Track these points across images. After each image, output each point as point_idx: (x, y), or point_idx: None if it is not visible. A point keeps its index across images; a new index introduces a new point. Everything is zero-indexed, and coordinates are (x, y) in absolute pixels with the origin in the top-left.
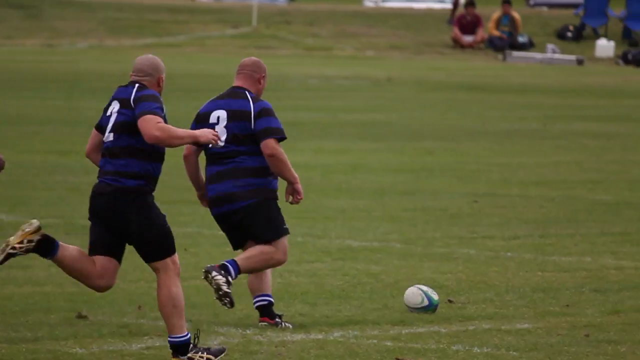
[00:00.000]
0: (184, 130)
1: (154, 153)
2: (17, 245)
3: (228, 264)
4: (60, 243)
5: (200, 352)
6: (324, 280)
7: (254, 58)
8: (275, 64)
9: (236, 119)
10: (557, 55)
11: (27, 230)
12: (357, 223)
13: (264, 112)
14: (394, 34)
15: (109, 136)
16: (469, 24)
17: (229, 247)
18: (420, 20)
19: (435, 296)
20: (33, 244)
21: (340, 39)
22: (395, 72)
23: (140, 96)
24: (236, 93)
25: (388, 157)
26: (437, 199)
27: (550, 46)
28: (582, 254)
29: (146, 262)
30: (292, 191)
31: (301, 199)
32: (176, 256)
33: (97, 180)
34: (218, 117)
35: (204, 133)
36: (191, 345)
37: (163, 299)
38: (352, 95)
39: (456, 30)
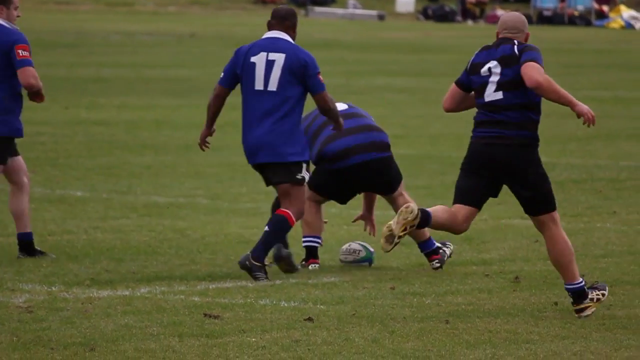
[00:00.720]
0: (565, 91)
1: (537, 107)
2: (401, 234)
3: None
4: (430, 211)
5: (593, 291)
6: (129, 237)
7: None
8: (77, 19)
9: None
10: (359, 11)
11: (409, 218)
12: (163, 179)
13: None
14: None
15: (494, 94)
16: None
17: None
18: None
19: (370, 247)
20: (414, 228)
21: None
22: (198, 27)
23: (524, 47)
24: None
25: (193, 112)
26: (243, 154)
27: (351, 2)
28: (387, 207)
29: (532, 214)
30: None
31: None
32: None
33: (476, 134)
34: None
35: (583, 109)
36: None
37: (559, 249)
38: (156, 51)
39: None
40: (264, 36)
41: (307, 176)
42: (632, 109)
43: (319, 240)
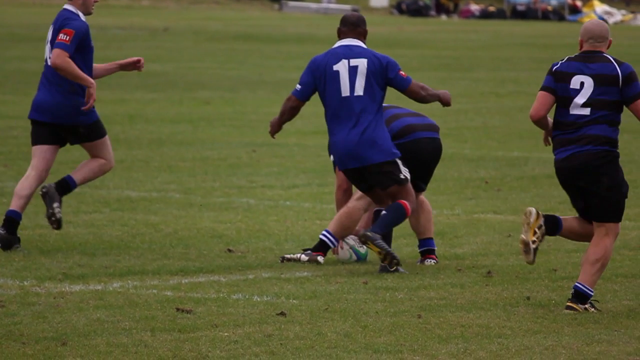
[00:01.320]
0: None
1: (619, 124)
2: (534, 239)
3: None
4: (561, 217)
5: (591, 306)
6: (102, 231)
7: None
8: (49, 13)
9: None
10: (333, 5)
11: (531, 221)
12: (136, 173)
13: (633, 77)
14: None
15: (581, 109)
16: None
17: None
18: None
19: (362, 249)
20: (543, 227)
21: None
22: (171, 22)
23: (630, 74)
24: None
25: (166, 107)
26: (216, 148)
27: None
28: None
29: (598, 220)
30: None
31: None
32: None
33: (560, 154)
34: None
35: None
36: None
37: (598, 253)
38: (129, 46)
39: None
40: (338, 44)
41: (408, 174)
42: None
43: (336, 243)
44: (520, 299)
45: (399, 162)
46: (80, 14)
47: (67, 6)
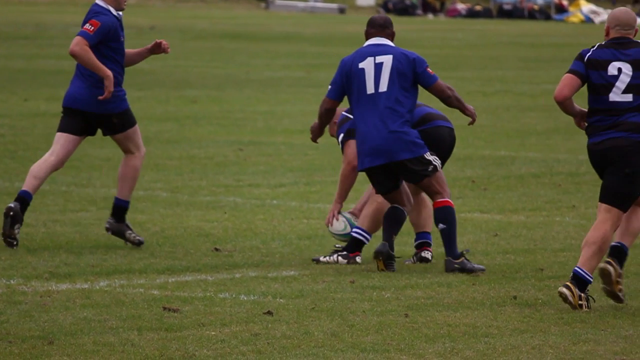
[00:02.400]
0: None
1: None
2: (620, 287)
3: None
4: (618, 242)
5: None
6: (89, 230)
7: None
8: (36, 11)
9: None
10: (319, 4)
11: (613, 279)
12: None
13: None
14: None
15: (623, 96)
16: None
17: None
18: None
19: (356, 222)
20: (619, 270)
21: None
22: (158, 20)
23: None
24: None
25: (152, 105)
26: (203, 147)
27: None
28: (346, 200)
29: (607, 202)
30: None
31: None
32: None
33: (595, 139)
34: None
35: None
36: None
37: (596, 237)
38: None
39: None
40: (367, 44)
41: (437, 162)
42: None
43: (369, 238)
44: (507, 298)
45: (429, 154)
46: (112, 9)
47: (98, 1)
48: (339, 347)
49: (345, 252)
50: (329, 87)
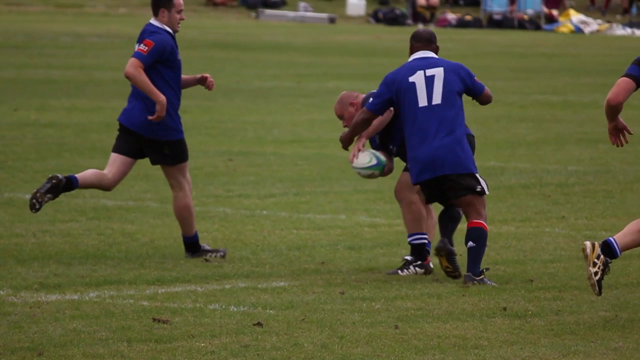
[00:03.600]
0: None
1: None
2: (596, 270)
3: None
4: (613, 237)
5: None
6: (78, 240)
7: None
8: (26, 21)
9: None
10: (310, 14)
11: (588, 254)
12: None
13: None
14: None
15: None
16: None
17: None
18: None
19: (383, 157)
20: (602, 257)
21: None
22: None
23: None
24: None
25: None
26: (193, 157)
27: (302, 4)
28: (337, 211)
29: None
30: None
31: None
32: None
33: None
34: None
35: None
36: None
37: None
38: (106, 53)
39: None
40: (413, 57)
41: (485, 186)
42: (581, 114)
43: (427, 237)
44: (497, 310)
45: (478, 175)
46: (167, 28)
47: (152, 21)
48: (328, 358)
49: (419, 262)
50: (371, 99)
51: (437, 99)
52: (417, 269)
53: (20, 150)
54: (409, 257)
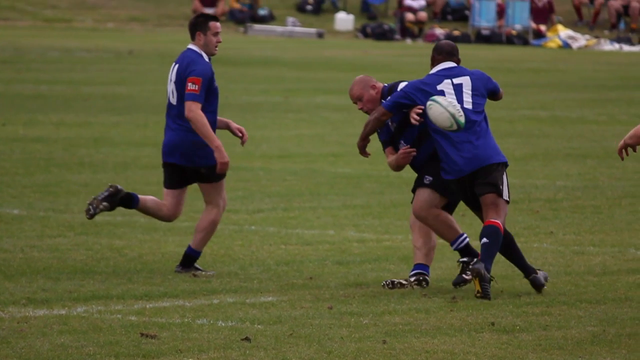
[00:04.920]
0: None
1: None
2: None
3: None
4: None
5: None
6: (66, 255)
7: None
8: (14, 35)
9: None
10: (298, 29)
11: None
12: None
13: None
14: (134, 6)
15: None
16: None
17: None
18: None
19: (462, 119)
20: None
21: (79, 10)
22: (136, 44)
23: None
24: None
25: (131, 130)
26: None
27: (290, 19)
28: (325, 227)
29: None
30: None
31: None
32: None
33: None
34: None
35: None
36: None
37: None
38: (94, 68)
39: (197, 3)
40: (437, 69)
41: (508, 194)
42: (569, 129)
43: (466, 240)
44: (485, 325)
45: (506, 177)
46: (204, 55)
47: (191, 46)
48: None
49: (475, 259)
50: (388, 98)
51: (467, 104)
52: (476, 266)
53: (8, 165)
54: (465, 259)
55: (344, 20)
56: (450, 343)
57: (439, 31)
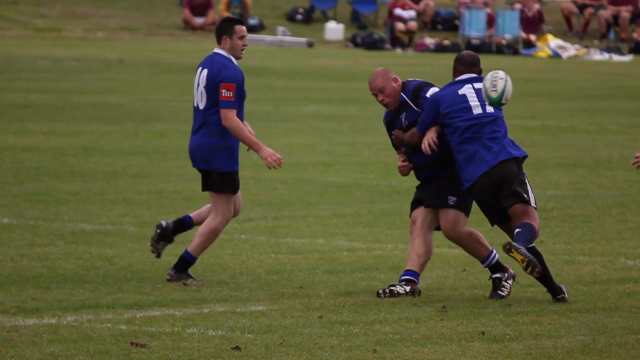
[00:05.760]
0: None
1: None
2: None
3: None
4: None
5: None
6: (56, 264)
7: None
8: (4, 45)
9: None
10: (288, 38)
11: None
12: (91, 206)
13: None
14: (124, 16)
15: None
16: (200, 6)
17: None
18: (150, 2)
19: (494, 94)
20: None
21: (69, 20)
22: (127, 54)
23: None
24: None
25: (121, 139)
26: (171, 181)
27: (280, 28)
28: (315, 235)
29: None
30: None
31: None
32: None
33: None
34: None
35: None
36: None
37: None
38: (84, 77)
39: (187, 12)
40: (458, 79)
41: (533, 199)
42: (559, 138)
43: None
44: (475, 334)
45: (528, 183)
46: (233, 58)
47: (218, 50)
48: None
49: (506, 274)
50: (421, 125)
51: (489, 108)
52: (509, 282)
53: None
54: (498, 275)
55: (334, 29)
56: (441, 352)
57: (429, 41)
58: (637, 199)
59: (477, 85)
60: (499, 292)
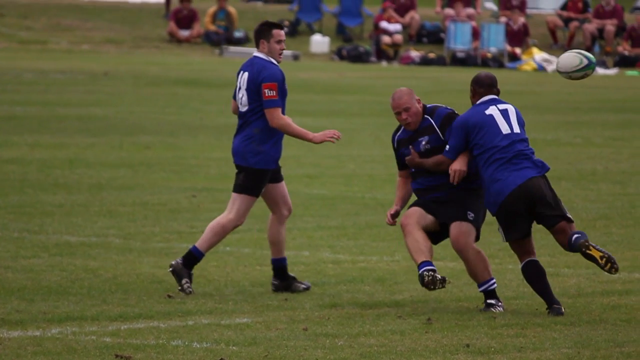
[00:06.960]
0: None
1: None
2: None
3: None
4: None
5: None
6: (41, 276)
7: None
8: None
9: None
10: None
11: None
12: (75, 218)
13: None
14: (109, 28)
15: None
16: (185, 18)
17: None
18: (136, 15)
19: (591, 55)
20: None
21: (55, 32)
22: (112, 66)
23: None
24: None
25: (106, 151)
26: (156, 193)
27: None
28: (300, 248)
29: None
30: None
31: None
32: None
33: None
34: None
35: None
36: None
37: None
38: (69, 90)
39: (172, 25)
40: (480, 102)
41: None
42: (544, 151)
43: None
44: (460, 346)
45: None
46: (272, 60)
47: (257, 54)
48: None
49: (500, 303)
50: (447, 147)
51: (516, 128)
52: (500, 308)
53: None
54: (492, 301)
55: (319, 42)
56: None
57: (415, 54)
58: (622, 211)
59: (502, 106)
60: (492, 309)
